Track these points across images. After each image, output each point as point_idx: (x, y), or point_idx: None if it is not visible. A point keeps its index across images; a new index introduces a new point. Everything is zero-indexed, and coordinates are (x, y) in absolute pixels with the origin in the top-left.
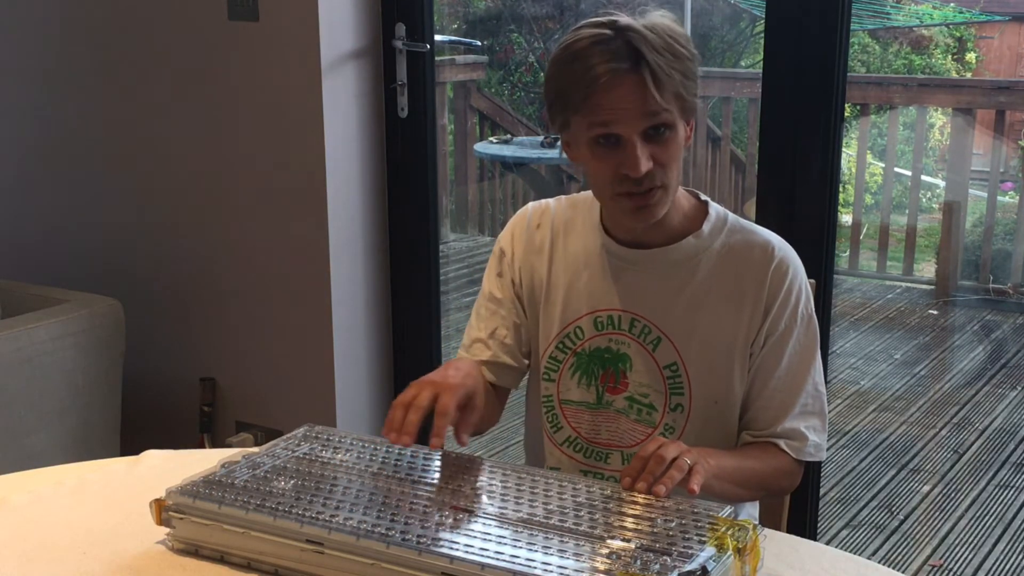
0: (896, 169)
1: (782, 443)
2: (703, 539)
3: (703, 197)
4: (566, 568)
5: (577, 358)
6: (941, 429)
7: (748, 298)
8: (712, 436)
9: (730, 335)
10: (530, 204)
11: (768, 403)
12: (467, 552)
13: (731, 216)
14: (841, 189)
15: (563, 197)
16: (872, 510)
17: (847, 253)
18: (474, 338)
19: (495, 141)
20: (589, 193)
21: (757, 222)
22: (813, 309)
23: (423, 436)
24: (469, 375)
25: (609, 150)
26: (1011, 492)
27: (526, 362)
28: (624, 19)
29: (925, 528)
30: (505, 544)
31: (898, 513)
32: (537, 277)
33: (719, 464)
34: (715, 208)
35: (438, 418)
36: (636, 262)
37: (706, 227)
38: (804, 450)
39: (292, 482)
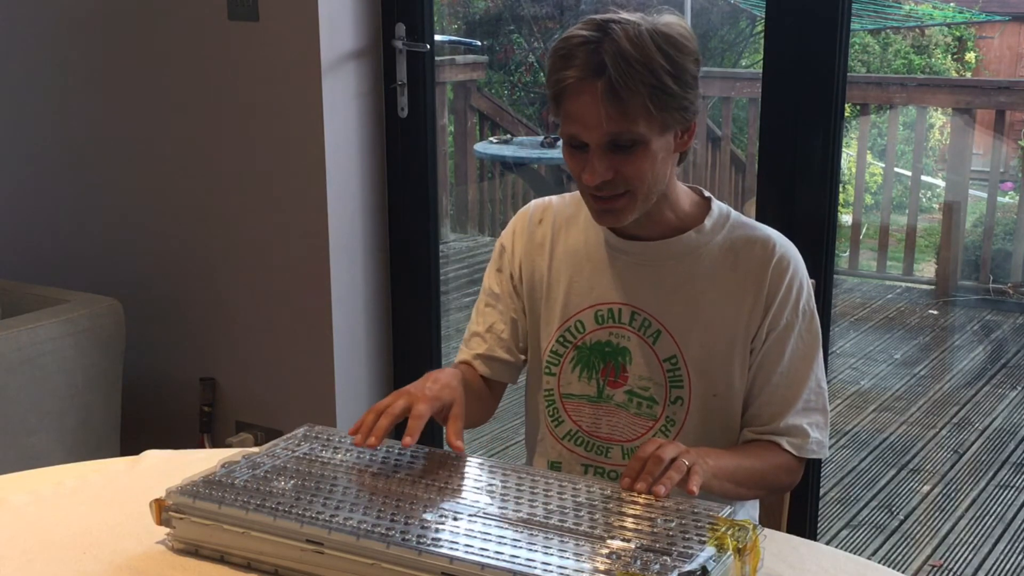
0: (896, 169)
1: (784, 441)
2: (703, 539)
3: (706, 194)
4: (566, 568)
5: (578, 352)
6: (941, 429)
7: (749, 293)
8: (713, 430)
9: (730, 329)
10: (533, 201)
11: (770, 399)
12: (467, 552)
13: (733, 213)
14: (841, 189)
15: (566, 194)
16: (872, 510)
17: (847, 253)
18: (472, 332)
19: (495, 141)
20: None
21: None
22: (814, 305)
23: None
24: (447, 386)
25: (579, 152)
26: (1011, 492)
27: (522, 357)
28: (616, 23)
29: (925, 528)
30: (505, 544)
31: (898, 513)
32: (538, 272)
33: (718, 463)
34: (717, 204)
35: (412, 420)
36: (637, 255)
37: (708, 222)
38: (806, 447)
39: (292, 482)
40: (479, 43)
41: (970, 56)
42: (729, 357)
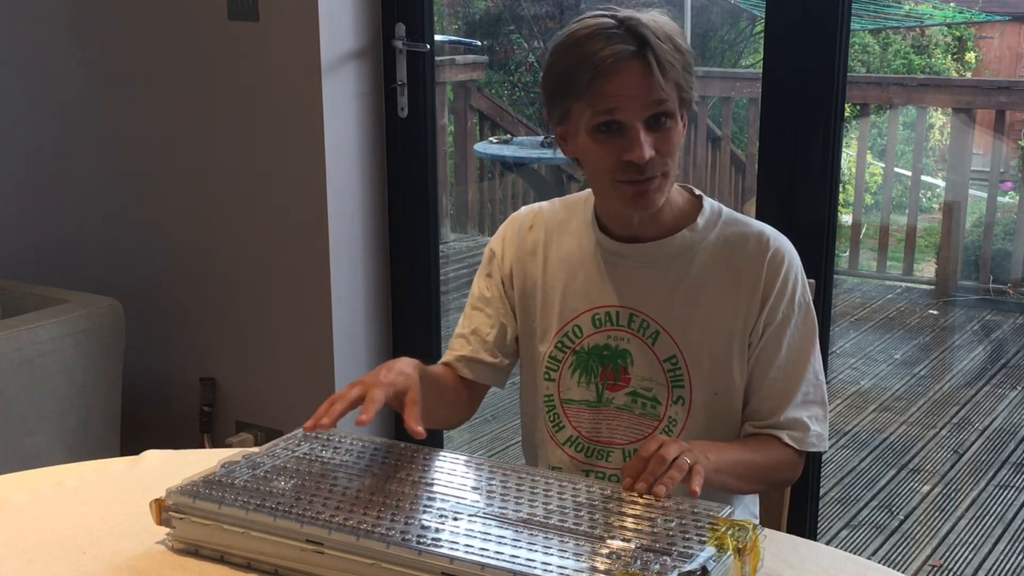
0: (896, 169)
1: (784, 435)
2: (703, 539)
3: (697, 192)
4: (566, 568)
5: (576, 356)
6: (941, 429)
7: (745, 288)
8: (716, 429)
9: (728, 326)
10: (523, 208)
11: (769, 392)
12: (467, 552)
13: (725, 209)
14: (841, 189)
15: (556, 200)
16: (872, 510)
17: (847, 253)
18: (456, 335)
19: (495, 141)
20: (582, 194)
21: None
22: (810, 298)
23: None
24: (401, 373)
25: (611, 136)
26: (1011, 492)
27: (507, 361)
28: (624, 11)
29: (925, 528)
30: (505, 544)
31: (898, 513)
32: (531, 279)
33: (719, 457)
34: (709, 202)
35: (367, 403)
36: (631, 256)
37: (701, 220)
38: (807, 440)
39: (292, 482)
40: (479, 43)
41: (970, 56)
42: (728, 354)
